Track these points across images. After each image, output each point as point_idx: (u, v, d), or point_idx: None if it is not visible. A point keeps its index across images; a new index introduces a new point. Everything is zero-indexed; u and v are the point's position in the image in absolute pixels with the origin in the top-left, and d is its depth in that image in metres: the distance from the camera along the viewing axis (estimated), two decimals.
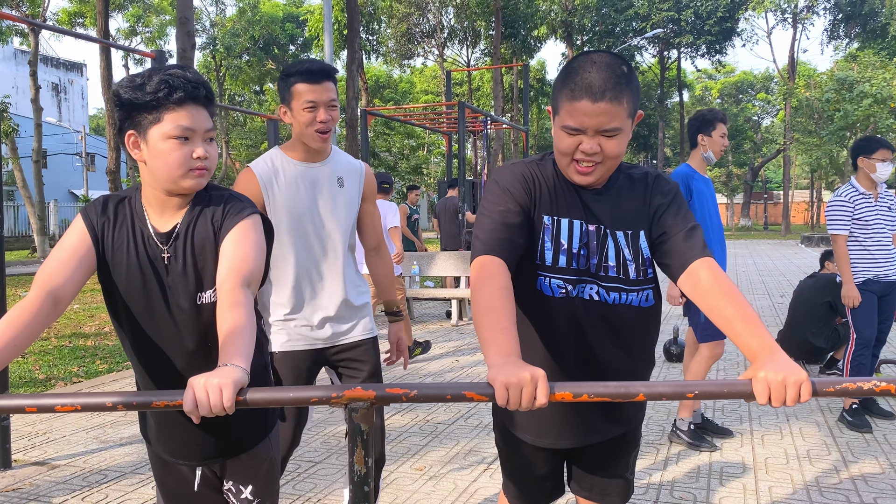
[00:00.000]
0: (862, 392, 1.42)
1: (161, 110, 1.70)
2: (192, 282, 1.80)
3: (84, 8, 31.20)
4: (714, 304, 1.60)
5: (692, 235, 1.75)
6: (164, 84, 1.68)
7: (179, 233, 1.80)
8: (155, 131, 1.71)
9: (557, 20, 36.09)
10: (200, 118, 1.74)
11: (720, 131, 4.34)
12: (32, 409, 1.40)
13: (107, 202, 1.84)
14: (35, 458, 4.29)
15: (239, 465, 2.02)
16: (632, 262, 1.81)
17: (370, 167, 2.80)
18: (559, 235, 1.80)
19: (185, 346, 1.85)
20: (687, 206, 1.85)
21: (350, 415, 1.41)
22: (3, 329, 1.55)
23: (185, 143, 1.72)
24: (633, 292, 1.82)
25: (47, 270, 1.70)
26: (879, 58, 28.97)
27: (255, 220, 1.81)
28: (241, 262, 1.70)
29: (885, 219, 4.64)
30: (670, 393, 1.42)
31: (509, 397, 1.38)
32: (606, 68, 1.69)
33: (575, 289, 1.81)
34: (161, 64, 5.35)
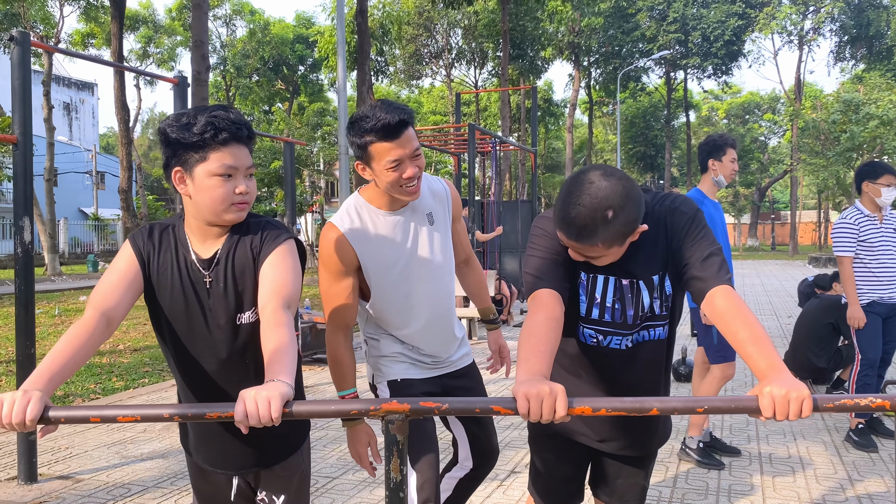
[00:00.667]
0: (859, 408, 1.54)
1: (207, 150, 1.83)
2: (231, 304, 1.93)
3: (96, 29, 31.70)
4: (730, 327, 1.74)
5: (708, 264, 1.87)
6: (210, 126, 1.82)
7: (220, 259, 1.94)
8: (200, 169, 1.84)
9: (564, 42, 36.45)
10: (242, 156, 1.88)
11: (730, 156, 4.46)
12: (97, 420, 1.53)
13: (153, 229, 1.99)
14: (59, 472, 4.41)
15: (272, 476, 2.14)
16: (657, 299, 1.99)
17: (451, 183, 2.59)
18: (594, 290, 1.97)
19: (223, 362, 1.98)
20: (705, 229, 1.95)
21: (387, 426, 1.53)
22: (64, 347, 1.69)
23: (228, 179, 1.85)
24: (659, 326, 2.02)
25: (100, 293, 1.85)
26: (885, 79, 29.13)
27: (291, 246, 1.95)
28: (280, 285, 1.83)
29: (891, 240, 4.74)
30: (682, 408, 1.54)
31: (530, 408, 1.51)
32: (588, 216, 1.74)
33: (606, 339, 2.00)
34: (183, 88, 5.54)
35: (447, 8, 26.93)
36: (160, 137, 1.90)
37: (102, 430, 5.31)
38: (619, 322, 1.97)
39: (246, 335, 1.96)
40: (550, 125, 47.69)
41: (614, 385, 2.06)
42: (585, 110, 44.91)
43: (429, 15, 34.91)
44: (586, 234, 1.75)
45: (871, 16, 34.68)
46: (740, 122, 48.97)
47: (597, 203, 1.72)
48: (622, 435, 2.15)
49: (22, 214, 4.15)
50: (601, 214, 1.72)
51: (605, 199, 1.72)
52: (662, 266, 1.97)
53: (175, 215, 2.06)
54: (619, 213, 1.73)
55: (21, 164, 4.13)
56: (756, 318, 1.75)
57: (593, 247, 1.79)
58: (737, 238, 49.35)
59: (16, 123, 4.11)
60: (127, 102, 18.41)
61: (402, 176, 2.25)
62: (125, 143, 18.39)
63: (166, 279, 1.95)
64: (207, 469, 2.15)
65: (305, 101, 45.55)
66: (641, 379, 2.05)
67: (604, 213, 1.72)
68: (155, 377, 7.35)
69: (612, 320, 1.97)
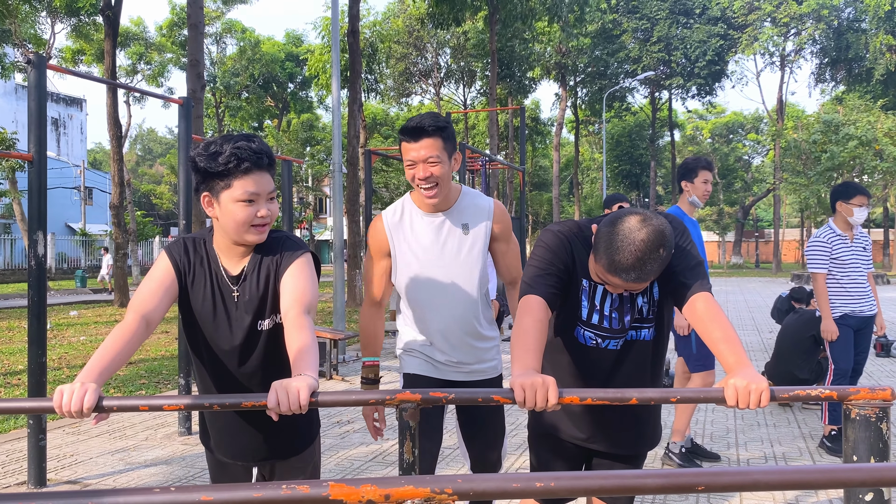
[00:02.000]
0: (811, 398, 1.77)
1: (231, 178, 2.04)
2: (254, 313, 2.16)
3: (85, 46, 31.83)
4: (706, 327, 1.99)
5: (694, 273, 2.10)
6: (234, 157, 2.02)
7: (247, 275, 2.17)
8: (226, 195, 2.06)
9: (551, 62, 37.01)
10: (264, 182, 2.08)
11: (702, 177, 4.72)
12: (145, 408, 1.74)
13: (186, 242, 2.21)
14: (67, 477, 4.57)
15: (288, 467, 2.35)
16: (646, 304, 2.21)
17: (501, 204, 2.80)
18: (594, 297, 2.19)
19: (243, 361, 2.20)
20: (691, 243, 2.18)
21: (401, 414, 1.75)
22: (111, 346, 1.90)
23: (250, 204, 2.06)
24: (645, 328, 2.23)
25: (140, 299, 2.07)
26: (864, 101, 29.85)
27: (308, 258, 2.17)
28: (301, 293, 2.06)
29: (860, 258, 5.03)
30: (658, 397, 1.77)
31: (526, 397, 1.74)
32: (645, 259, 1.92)
33: (604, 342, 2.22)
34: (188, 108, 5.77)
35: (436, 28, 27.37)
36: (190, 165, 2.11)
37: (106, 439, 5.46)
38: (617, 328, 2.19)
39: (265, 338, 2.19)
40: (538, 143, 48.21)
41: (607, 381, 2.26)
42: (572, 129, 45.48)
43: (418, 34, 35.38)
44: (645, 276, 1.95)
45: (850, 39, 35.51)
46: (724, 142, 49.73)
47: (651, 246, 1.91)
48: (608, 434, 2.34)
49: (36, 228, 4.33)
50: (656, 254, 1.92)
51: (656, 241, 1.92)
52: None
53: (204, 229, 2.27)
54: (667, 248, 1.95)
55: (36, 181, 4.33)
56: (729, 322, 1.99)
57: (641, 285, 2.01)
58: (721, 255, 49.92)
59: (31, 142, 4.31)
60: (119, 119, 18.57)
61: (416, 176, 2.57)
62: (117, 159, 18.52)
63: (199, 289, 2.17)
64: (228, 462, 2.36)
65: (294, 118, 45.83)
66: (630, 376, 2.26)
67: (658, 253, 1.92)
68: (151, 389, 7.50)
69: (609, 326, 2.19)
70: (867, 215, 5.04)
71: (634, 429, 2.36)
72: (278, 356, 2.22)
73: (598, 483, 1.13)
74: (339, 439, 5.39)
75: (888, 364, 8.60)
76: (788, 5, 34.89)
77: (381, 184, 33.51)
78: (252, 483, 1.13)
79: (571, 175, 45.96)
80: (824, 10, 34.29)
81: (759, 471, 1.21)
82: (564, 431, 2.36)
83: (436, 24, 25.50)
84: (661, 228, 1.92)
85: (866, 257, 5.07)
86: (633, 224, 1.94)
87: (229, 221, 2.08)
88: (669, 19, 37.33)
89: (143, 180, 62.18)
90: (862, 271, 5.03)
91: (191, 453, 5.05)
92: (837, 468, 1.25)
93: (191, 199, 5.71)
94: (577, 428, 2.34)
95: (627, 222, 1.95)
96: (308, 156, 39.27)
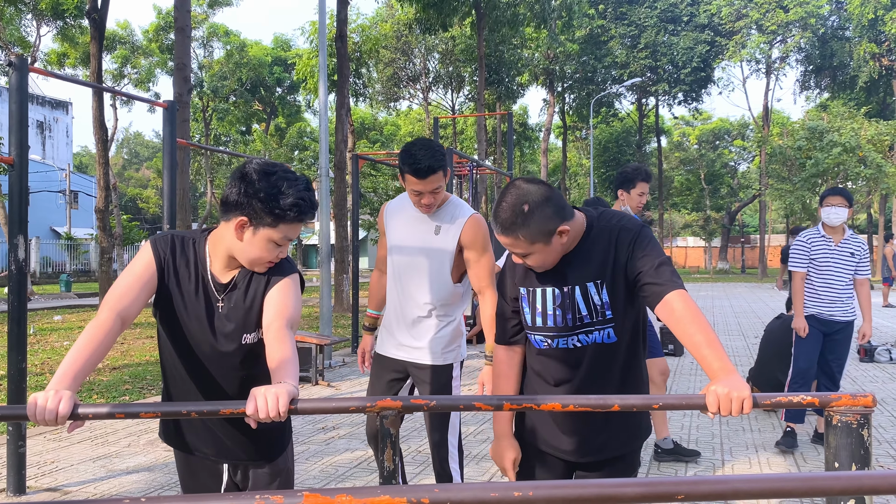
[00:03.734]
0: (793, 405, 1.77)
1: (281, 222, 1.99)
2: (240, 326, 2.13)
3: (70, 49, 31.60)
4: (686, 330, 1.95)
5: (661, 272, 2.07)
6: (297, 207, 1.98)
7: (236, 285, 2.13)
8: (265, 232, 2.01)
9: (539, 67, 37.13)
10: (299, 229, 2.08)
11: (640, 189, 4.73)
12: (121, 416, 1.71)
13: (174, 239, 2.15)
14: (47, 484, 4.51)
15: (261, 474, 2.32)
16: (596, 305, 2.17)
17: (477, 219, 3.20)
18: (534, 302, 2.23)
19: (219, 372, 2.17)
20: (652, 241, 2.16)
21: (381, 421, 1.74)
22: (83, 347, 1.86)
23: (278, 247, 2.05)
24: (595, 331, 2.19)
25: (116, 294, 2.01)
26: (848, 108, 30.13)
27: (295, 279, 2.16)
28: (284, 308, 2.05)
29: (842, 262, 5.01)
30: (640, 404, 1.76)
31: None
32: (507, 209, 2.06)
33: (554, 341, 2.23)
34: (172, 112, 5.72)
35: (424, 34, 27.39)
36: (242, 185, 1.98)
37: (87, 445, 5.40)
38: (561, 326, 2.19)
39: (246, 352, 2.17)
40: (525, 149, 48.32)
41: (577, 382, 2.24)
42: (559, 135, 45.63)
43: (406, 39, 35.40)
44: (507, 227, 2.04)
45: (834, 47, 35.85)
46: (711, 148, 50.02)
47: (515, 200, 2.04)
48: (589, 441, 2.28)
49: (16, 233, 4.29)
50: (519, 208, 2.02)
51: (523, 195, 2.04)
52: (597, 275, 2.15)
53: (195, 230, 2.22)
54: (535, 209, 2.02)
55: (17, 184, 4.28)
56: (708, 323, 1.95)
57: (517, 241, 2.06)
58: (707, 261, 50.19)
59: (12, 145, 4.26)
60: (105, 122, 18.44)
61: (420, 201, 3.09)
62: (102, 162, 18.38)
63: (181, 290, 2.12)
64: (199, 460, 2.31)
65: (283, 123, 45.70)
66: (594, 380, 2.23)
67: (521, 207, 2.02)
68: (135, 395, 7.42)
69: (553, 325, 2.20)
70: (844, 217, 4.96)
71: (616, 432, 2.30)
72: (261, 367, 2.19)
73: (577, 492, 1.11)
74: (324, 445, 5.36)
75: (871, 369, 8.66)
76: (775, 13, 35.19)
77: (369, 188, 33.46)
78: (224, 493, 1.11)
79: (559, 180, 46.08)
80: (811, 18, 34.61)
81: (739, 479, 1.20)
82: (546, 443, 2.34)
83: (423, 29, 25.54)
84: (535, 190, 2.04)
85: (851, 263, 5.03)
86: (516, 183, 2.09)
87: (250, 252, 2.04)
88: (657, 26, 37.56)
89: (129, 184, 61.77)
90: (842, 276, 5.01)
91: (173, 460, 4.99)
92: (819, 476, 1.24)
93: (175, 202, 5.66)
94: (559, 440, 2.31)
95: (514, 181, 2.11)
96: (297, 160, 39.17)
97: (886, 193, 27.57)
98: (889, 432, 5.57)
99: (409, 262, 3.22)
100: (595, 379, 2.23)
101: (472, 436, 5.60)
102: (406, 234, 3.24)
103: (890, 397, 6.90)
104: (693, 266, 53.65)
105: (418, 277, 3.21)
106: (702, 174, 47.82)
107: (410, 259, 3.22)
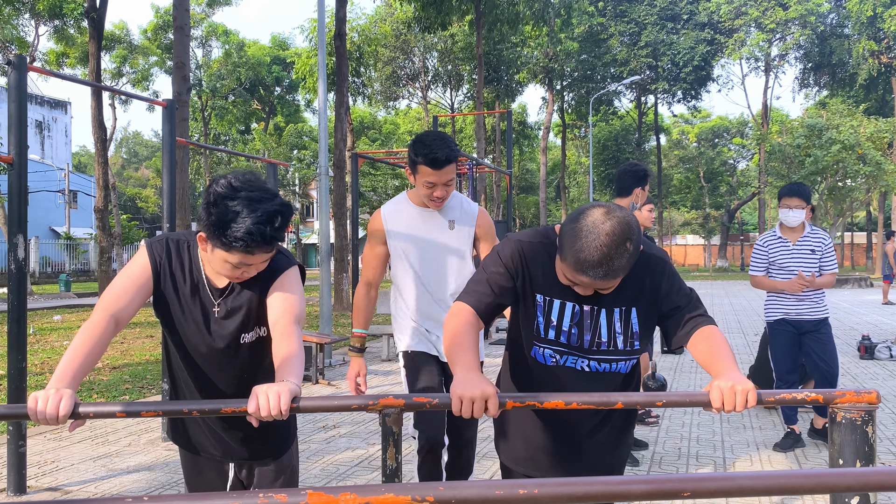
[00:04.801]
0: (796, 401, 1.77)
1: (230, 248, 1.91)
2: (237, 326, 2.12)
3: (69, 49, 31.58)
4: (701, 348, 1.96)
5: (698, 305, 2.06)
6: (243, 241, 1.87)
7: (234, 288, 2.11)
8: (220, 253, 1.95)
9: (538, 66, 37.11)
10: (261, 257, 1.97)
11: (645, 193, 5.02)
12: (122, 415, 1.70)
13: (169, 243, 2.13)
14: (47, 484, 4.50)
15: (266, 472, 2.32)
16: (620, 335, 2.05)
17: (483, 209, 3.25)
18: (550, 313, 2.04)
19: (219, 372, 2.16)
20: (676, 272, 2.11)
21: (383, 419, 1.73)
22: (79, 347, 1.85)
23: (236, 269, 1.98)
24: (621, 361, 2.10)
25: (111, 296, 2.00)
26: (847, 106, 30.14)
27: (296, 271, 2.14)
28: (290, 304, 2.03)
29: (803, 261, 4.89)
30: (643, 401, 1.76)
31: (462, 408, 1.71)
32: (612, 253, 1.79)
33: (563, 358, 2.07)
34: (171, 111, 5.71)
35: (423, 32, 27.36)
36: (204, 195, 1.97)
37: (88, 445, 5.39)
38: (575, 345, 2.04)
39: (246, 351, 2.15)
40: (525, 147, 48.33)
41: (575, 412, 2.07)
42: (559, 133, 45.62)
43: (405, 38, 35.38)
44: (613, 273, 1.81)
45: (833, 44, 35.86)
46: (710, 146, 50.03)
47: (617, 240, 1.78)
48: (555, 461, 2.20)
49: (16, 232, 4.27)
50: (623, 248, 1.79)
51: (623, 233, 1.79)
52: (628, 301, 2.03)
53: (190, 231, 2.19)
54: (634, 242, 1.82)
55: (16, 184, 4.27)
56: (726, 343, 1.95)
57: (615, 282, 1.89)
58: (706, 259, 50.19)
59: (12, 144, 4.25)
60: (104, 122, 18.42)
61: (433, 193, 3.01)
62: (101, 162, 18.37)
63: (177, 293, 2.11)
64: (202, 460, 2.31)
65: (282, 122, 45.67)
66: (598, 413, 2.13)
67: (625, 247, 1.79)
68: (135, 394, 7.42)
69: (566, 342, 2.04)
70: (801, 217, 4.89)
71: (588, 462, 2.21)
72: (260, 365, 2.19)
73: (584, 489, 1.11)
74: (325, 444, 5.35)
75: (872, 366, 8.66)
76: (775, 11, 35.18)
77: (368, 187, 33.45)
78: (228, 492, 1.10)
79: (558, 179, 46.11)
80: (811, 16, 34.61)
81: (745, 476, 1.19)
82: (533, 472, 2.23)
83: (422, 27, 25.52)
84: (625, 220, 1.80)
85: (813, 260, 4.91)
86: (597, 217, 1.80)
87: (214, 264, 2.01)
88: (657, 24, 37.56)
89: (128, 183, 61.75)
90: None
91: (174, 459, 4.99)
92: (823, 472, 1.24)
93: (174, 201, 5.65)
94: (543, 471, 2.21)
95: (590, 216, 1.81)
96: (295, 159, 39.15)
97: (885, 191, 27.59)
98: (890, 429, 5.57)
99: (431, 260, 3.14)
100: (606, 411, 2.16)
101: None
102: (419, 233, 3.14)
103: (891, 394, 6.90)
104: (692, 264, 53.67)
105: (442, 275, 3.14)
106: (701, 172, 47.84)
107: (431, 257, 3.14)
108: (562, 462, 2.20)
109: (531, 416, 2.19)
